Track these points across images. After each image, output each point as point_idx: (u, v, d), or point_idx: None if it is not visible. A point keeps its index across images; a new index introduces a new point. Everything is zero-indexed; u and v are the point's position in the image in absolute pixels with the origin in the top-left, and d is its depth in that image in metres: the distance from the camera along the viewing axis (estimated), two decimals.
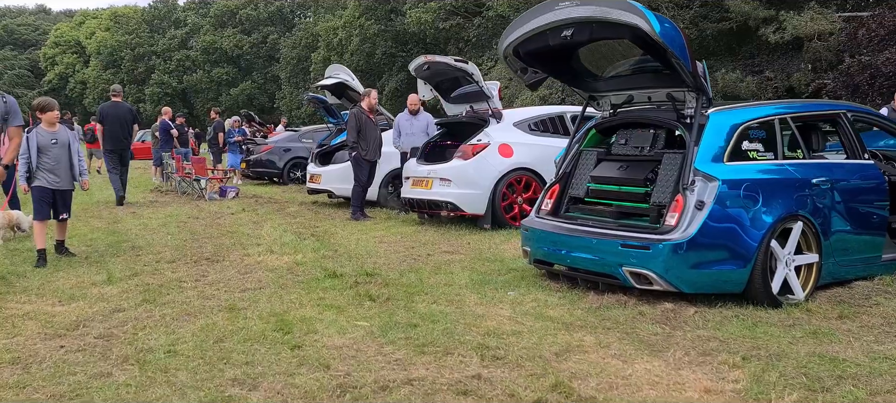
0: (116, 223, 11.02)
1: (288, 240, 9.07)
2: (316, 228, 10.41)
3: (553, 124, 10.27)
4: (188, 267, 7.54)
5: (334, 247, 8.59)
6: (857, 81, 19.20)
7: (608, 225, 6.01)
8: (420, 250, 8.40)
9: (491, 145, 9.68)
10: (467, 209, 9.63)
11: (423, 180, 10.17)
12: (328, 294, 6.13)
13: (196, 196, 15.12)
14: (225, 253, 8.42)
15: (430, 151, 10.92)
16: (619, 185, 6.36)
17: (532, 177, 9.81)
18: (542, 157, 9.83)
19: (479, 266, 7.40)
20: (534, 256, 6.54)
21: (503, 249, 8.36)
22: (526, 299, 5.90)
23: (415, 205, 10.47)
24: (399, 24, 48.85)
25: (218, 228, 10.45)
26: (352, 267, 7.36)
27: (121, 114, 13.57)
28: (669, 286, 5.53)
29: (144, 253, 8.41)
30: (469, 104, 10.72)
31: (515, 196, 9.75)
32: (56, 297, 6.25)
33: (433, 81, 10.86)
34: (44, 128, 7.84)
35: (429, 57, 10.10)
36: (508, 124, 10.02)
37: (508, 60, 6.63)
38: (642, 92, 6.47)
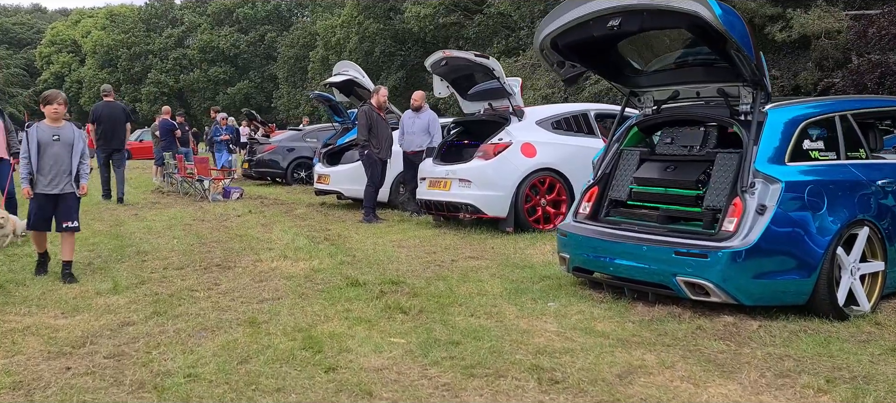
0: (119, 225, 10.54)
1: (301, 245, 8.61)
2: (328, 231, 9.95)
3: (577, 123, 9.82)
4: (198, 275, 7.08)
5: (351, 252, 8.13)
6: (867, 81, 18.82)
7: (657, 231, 5.56)
8: (443, 255, 7.94)
9: (513, 144, 9.23)
10: (488, 211, 9.17)
11: (440, 181, 9.72)
12: (354, 305, 5.67)
13: (199, 197, 14.65)
14: (235, 258, 7.95)
15: (447, 151, 10.47)
16: (666, 187, 5.92)
17: (556, 178, 9.36)
18: (567, 157, 9.40)
19: (509, 273, 6.94)
20: (573, 264, 6.08)
21: (530, 254, 7.91)
22: (569, 311, 5.45)
23: (432, 207, 10.01)
24: (398, 23, 48.45)
25: (225, 231, 9.98)
26: (374, 274, 6.90)
27: (114, 114, 13.61)
28: (728, 297, 5.08)
29: (150, 259, 7.94)
30: (487, 101, 10.26)
31: (538, 198, 9.29)
32: (59, 308, 5.79)
33: (450, 78, 10.39)
34: (46, 123, 6.97)
35: (447, 52, 9.64)
36: (531, 123, 9.57)
37: (544, 53, 6.17)
38: (689, 87, 6.02)
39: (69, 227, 7.01)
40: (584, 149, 9.54)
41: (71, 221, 7.03)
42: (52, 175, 6.90)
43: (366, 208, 10.92)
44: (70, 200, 7.05)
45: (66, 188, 7.00)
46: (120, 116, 13.69)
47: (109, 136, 13.56)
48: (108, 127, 13.49)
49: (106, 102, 13.82)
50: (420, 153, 11.05)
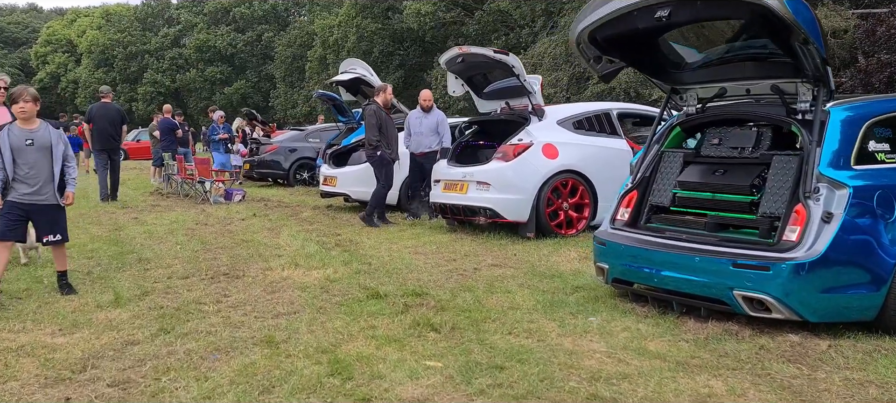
0: (118, 230, 10.07)
1: (312, 251, 8.15)
2: (339, 236, 9.48)
3: (599, 123, 9.36)
4: (205, 285, 6.61)
5: (366, 260, 7.66)
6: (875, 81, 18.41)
7: (710, 240, 5.10)
8: (463, 263, 7.48)
9: (534, 145, 8.77)
10: (508, 216, 8.72)
11: (457, 183, 9.26)
12: (378, 321, 5.21)
13: (200, 199, 14.17)
14: (244, 266, 7.49)
15: (462, 152, 10.01)
16: (715, 192, 5.46)
17: (579, 181, 8.91)
18: (590, 159, 8.97)
19: (538, 283, 6.49)
20: (612, 274, 5.63)
21: (556, 262, 7.46)
22: (614, 327, 4.99)
23: (447, 211, 9.55)
24: (397, 22, 48.01)
25: (230, 236, 9.51)
26: (394, 284, 6.44)
27: (110, 115, 13.62)
28: (791, 313, 4.64)
29: (153, 267, 7.48)
30: (504, 100, 9.80)
31: (561, 201, 8.84)
32: (56, 324, 5.33)
33: (465, 75, 9.93)
34: (18, 124, 6.11)
35: (464, 48, 9.17)
36: (552, 122, 9.11)
37: (581, 47, 5.73)
38: (739, 83, 5.58)
39: (51, 241, 6.29)
40: (607, 150, 9.12)
41: (53, 235, 6.25)
42: (28, 184, 6.08)
43: (374, 209, 10.48)
44: (51, 212, 6.24)
45: (49, 198, 6.19)
46: (115, 117, 13.69)
47: (105, 137, 13.54)
48: (103, 127, 13.47)
49: (102, 103, 13.79)
50: (429, 154, 10.65)
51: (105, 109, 13.64)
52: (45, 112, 50.00)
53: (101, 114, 13.56)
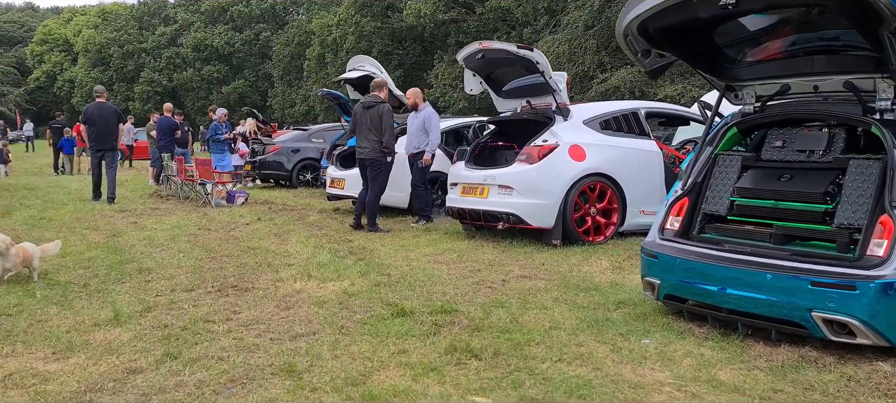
0: (116, 236, 9.51)
1: (325, 260, 7.61)
2: (350, 243, 8.95)
3: (627, 122, 8.83)
4: (212, 299, 6.07)
5: (384, 270, 7.12)
6: None
7: (781, 255, 4.56)
8: (489, 274, 6.95)
9: (560, 147, 8.24)
10: (533, 222, 8.18)
11: (476, 187, 8.73)
12: (409, 344, 4.67)
13: (201, 202, 13.61)
14: (252, 277, 6.95)
15: (480, 154, 9.48)
16: (779, 200, 4.93)
17: (607, 185, 8.38)
18: (618, 161, 8.45)
19: (575, 297, 5.96)
20: (664, 290, 5.09)
21: (589, 272, 6.94)
22: (673, 352, 4.46)
23: (465, 216, 9.01)
24: (396, 21, 47.48)
25: (235, 243, 8.96)
26: (418, 299, 5.91)
27: (106, 115, 13.54)
28: (879, 339, 4.11)
29: (155, 278, 6.93)
30: (525, 98, 9.26)
31: (588, 206, 8.31)
32: (49, 346, 4.78)
33: (484, 73, 9.39)
34: None
35: (484, 43, 8.64)
36: (578, 122, 8.58)
37: (628, 39, 5.20)
38: (805, 79, 5.04)
39: None
40: (636, 151, 8.61)
41: None
42: None
43: (372, 219, 10.03)
44: None
45: None
46: (111, 117, 13.61)
47: (102, 137, 13.46)
48: (100, 127, 13.40)
49: (98, 103, 13.64)
50: (418, 155, 10.35)
51: (102, 109, 13.52)
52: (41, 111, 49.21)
53: (98, 114, 13.44)
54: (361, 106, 10.09)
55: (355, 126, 10.10)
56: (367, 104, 10.05)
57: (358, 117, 10.01)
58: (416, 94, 10.74)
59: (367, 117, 9.90)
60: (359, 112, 10.02)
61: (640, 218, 8.60)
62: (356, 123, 10.06)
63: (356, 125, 10.06)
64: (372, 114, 9.94)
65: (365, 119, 9.90)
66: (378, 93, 10.18)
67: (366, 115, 9.91)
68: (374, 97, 10.20)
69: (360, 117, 9.95)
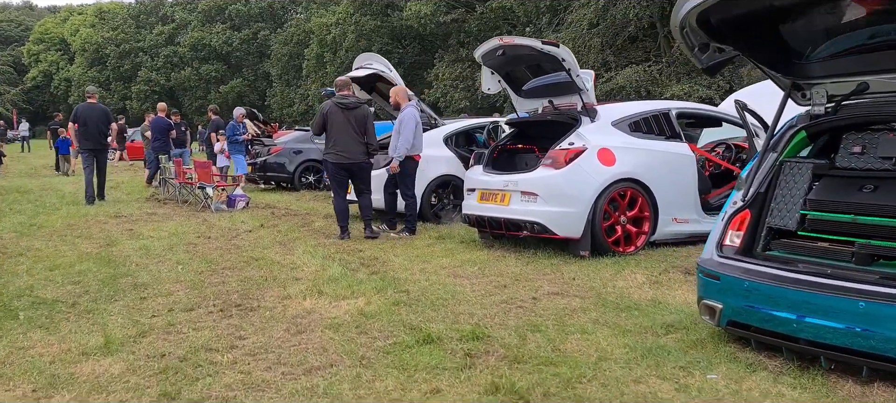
0: (111, 245, 8.90)
1: (335, 274, 7.00)
2: (361, 253, 8.35)
3: (657, 124, 8.24)
4: (214, 321, 5.47)
5: (402, 286, 6.52)
6: None
7: (871, 278, 3.95)
8: (517, 290, 6.35)
9: (588, 150, 7.64)
10: (560, 231, 7.58)
11: (496, 194, 8.13)
12: (441, 379, 4.08)
13: (201, 206, 13.00)
14: (258, 293, 6.35)
15: (499, 157, 8.88)
16: (860, 214, 4.33)
17: (638, 191, 7.79)
18: (649, 165, 7.87)
19: (617, 318, 5.37)
20: (728, 316, 4.49)
21: (625, 288, 6.35)
22: (750, 392, 3.87)
23: (484, 224, 8.40)
24: (396, 20, 46.91)
25: (238, 253, 8.36)
26: (444, 321, 5.31)
27: (96, 115, 13.54)
28: None
29: (151, 295, 6.33)
30: (547, 98, 8.67)
31: (618, 214, 7.72)
32: (29, 381, 4.19)
33: (503, 70, 8.79)
34: None
35: (505, 39, 8.03)
36: (605, 123, 7.99)
37: (685, 32, 4.61)
38: (889, 77, 4.44)
39: None
40: (668, 155, 8.03)
41: None
42: None
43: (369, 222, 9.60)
44: None
45: None
46: (101, 117, 13.63)
47: (92, 137, 13.48)
48: (90, 127, 13.41)
49: (88, 104, 13.70)
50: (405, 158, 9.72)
51: (92, 110, 13.53)
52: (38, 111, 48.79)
53: (89, 114, 13.44)
54: (340, 106, 9.22)
55: (327, 127, 9.24)
56: (348, 105, 9.27)
57: (335, 118, 9.17)
58: (398, 93, 10.18)
59: (350, 119, 9.21)
60: (336, 112, 9.18)
61: (672, 227, 8.02)
62: (332, 125, 9.21)
63: (332, 127, 9.21)
64: (357, 116, 9.28)
65: (346, 121, 9.19)
66: (347, 93, 9.58)
67: (349, 116, 9.21)
68: (355, 98, 9.64)
69: (339, 118, 9.17)
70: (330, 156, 9.29)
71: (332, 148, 9.24)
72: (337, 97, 9.41)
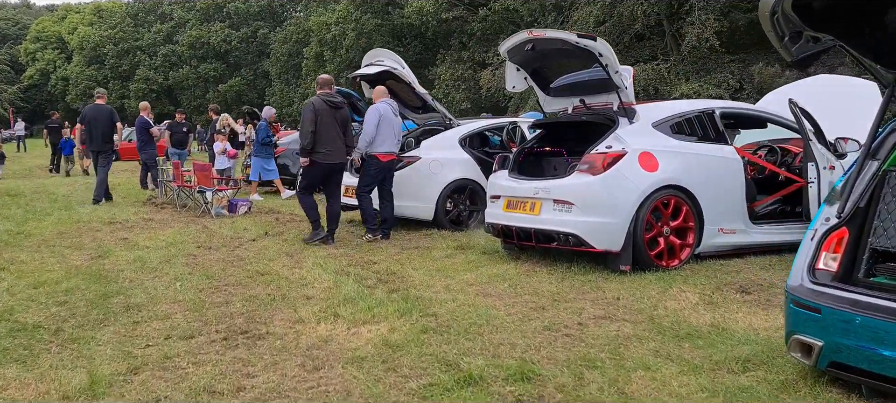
0: (102, 257, 8.18)
1: (351, 292, 6.29)
2: (375, 267, 7.64)
3: (701, 125, 7.54)
4: (217, 352, 4.76)
5: (427, 308, 5.80)
6: None
7: None
8: (558, 313, 5.63)
9: (628, 154, 6.93)
10: (597, 244, 6.86)
11: (525, 202, 7.41)
12: None
13: (200, 211, 12.28)
14: (266, 316, 5.65)
15: (525, 161, 8.17)
16: None
17: (682, 200, 7.08)
18: (694, 171, 7.17)
19: (679, 349, 4.68)
20: (828, 355, 3.78)
21: (678, 310, 5.64)
22: None
23: (511, 235, 7.69)
24: (397, 18, 46.24)
25: (241, 267, 7.64)
26: (483, 355, 4.60)
27: (100, 116, 13.56)
28: None
29: (145, 318, 5.62)
30: (577, 97, 7.96)
31: (661, 225, 7.01)
32: None
33: (530, 67, 8.08)
34: None
35: (535, 32, 7.31)
36: (646, 125, 7.28)
37: (776, 19, 3.90)
38: None
39: None
40: (713, 159, 7.34)
41: None
42: None
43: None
44: None
45: None
46: (105, 118, 13.55)
47: (95, 137, 13.52)
48: (94, 128, 13.45)
49: (95, 104, 13.79)
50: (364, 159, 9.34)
51: (97, 111, 13.58)
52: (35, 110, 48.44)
53: (93, 115, 13.50)
54: (329, 105, 8.88)
55: (317, 126, 8.78)
56: (334, 104, 8.93)
57: (323, 117, 8.80)
58: (376, 93, 9.74)
59: (337, 118, 8.93)
60: (325, 111, 8.82)
61: (718, 238, 7.32)
62: (322, 124, 8.80)
63: (322, 127, 8.81)
64: (342, 116, 9.03)
65: (332, 120, 8.88)
66: (329, 91, 9.09)
67: (336, 116, 8.92)
68: (339, 97, 9.19)
69: (328, 118, 8.83)
70: (318, 156, 8.85)
71: (321, 149, 8.83)
72: (324, 95, 8.98)
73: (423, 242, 9.14)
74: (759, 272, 6.92)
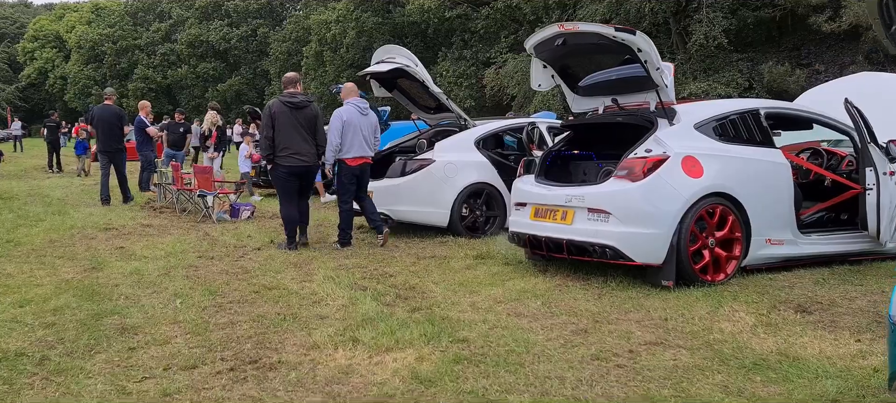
0: (96, 269, 7.58)
1: (369, 311, 5.70)
2: (392, 279, 7.05)
3: (746, 126, 6.94)
4: (224, 387, 4.18)
5: (456, 330, 5.21)
6: None
7: None
8: (602, 337, 5.04)
9: (671, 158, 6.33)
10: (637, 257, 6.27)
11: (556, 210, 6.82)
12: None
13: (201, 216, 11.68)
14: (276, 339, 5.06)
15: (552, 165, 7.58)
16: None
17: (729, 208, 6.48)
18: (740, 177, 6.58)
19: (751, 384, 4.11)
20: None
21: (736, 334, 5.06)
22: None
23: (538, 245, 7.09)
24: (398, 16, 45.69)
25: (247, 280, 7.05)
26: (527, 392, 4.04)
27: (107, 117, 13.45)
28: None
29: (142, 343, 5.03)
30: (609, 96, 7.37)
31: (705, 236, 6.41)
32: None
33: (559, 64, 7.49)
34: None
35: (566, 25, 6.70)
36: (687, 126, 6.68)
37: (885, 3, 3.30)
38: None
39: None
40: (761, 163, 6.75)
41: None
42: None
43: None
44: None
45: None
46: (114, 119, 13.48)
47: (103, 138, 13.52)
48: (102, 129, 13.46)
49: (104, 105, 13.78)
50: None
51: (105, 111, 13.55)
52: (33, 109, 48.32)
53: (101, 115, 13.50)
54: (288, 105, 8.53)
55: (275, 129, 8.47)
56: (296, 104, 8.56)
57: (284, 118, 8.47)
58: (346, 90, 9.32)
59: (300, 118, 8.55)
60: (284, 112, 8.49)
61: (765, 250, 6.74)
62: (280, 126, 8.47)
63: (279, 128, 8.47)
64: (306, 116, 8.61)
65: (295, 120, 8.52)
66: (295, 90, 8.69)
67: (297, 116, 8.54)
68: (303, 96, 8.74)
69: (289, 118, 8.48)
70: (281, 160, 8.51)
71: (282, 152, 8.49)
72: (284, 95, 8.67)
73: (440, 251, 8.56)
74: (814, 287, 6.34)
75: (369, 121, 9.00)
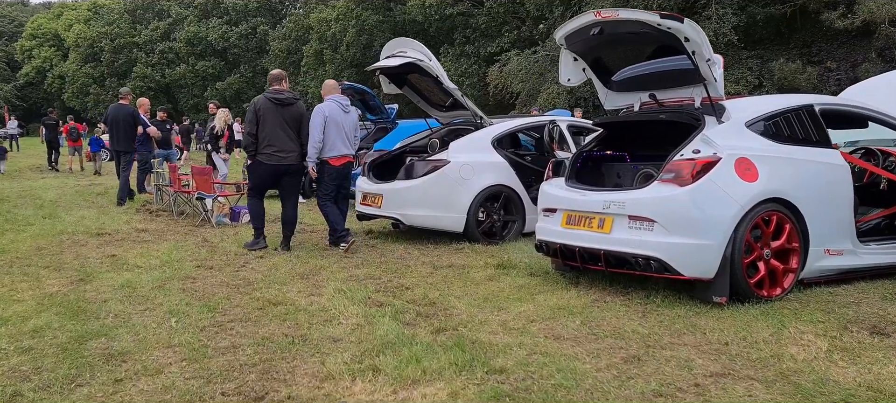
0: (84, 281, 6.92)
1: (388, 333, 5.05)
2: (409, 292, 6.41)
3: (801, 124, 6.28)
4: None
5: (489, 357, 4.55)
6: None
7: None
8: (658, 367, 4.39)
9: (722, 160, 5.67)
10: (686, 270, 5.60)
11: (592, 217, 6.16)
12: None
13: (200, 220, 11.03)
14: (284, 366, 4.42)
15: (583, 166, 6.92)
16: None
17: (786, 216, 5.82)
18: (798, 181, 5.92)
19: None
20: None
21: (811, 362, 4.43)
22: None
23: (570, 256, 6.42)
24: (399, 14, 45.06)
25: (249, 293, 6.39)
26: None
27: (120, 117, 13.44)
28: None
29: (130, 374, 4.38)
30: (646, 91, 6.72)
31: (761, 247, 5.75)
32: None
33: (592, 57, 6.83)
34: None
35: (604, 13, 6.02)
36: (738, 124, 6.02)
37: None
38: None
39: None
40: (818, 166, 6.11)
41: None
42: None
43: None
44: None
45: None
46: (126, 119, 13.43)
47: (116, 138, 13.55)
48: (114, 129, 13.47)
49: (118, 105, 13.74)
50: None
51: (118, 111, 13.52)
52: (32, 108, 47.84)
53: (114, 115, 13.49)
54: (274, 102, 8.37)
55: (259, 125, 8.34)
56: (282, 101, 8.40)
57: (270, 115, 8.33)
58: (325, 87, 8.87)
59: (286, 116, 8.39)
60: (269, 109, 8.34)
61: (824, 261, 6.09)
62: (265, 123, 8.33)
63: (264, 125, 8.33)
64: (291, 114, 8.44)
65: (280, 117, 8.36)
66: (279, 88, 8.41)
67: (282, 113, 8.37)
68: (289, 93, 8.45)
69: (273, 116, 8.33)
70: (263, 157, 8.38)
71: (264, 148, 8.35)
72: (270, 92, 8.51)
73: (457, 259, 7.91)
74: (882, 304, 5.69)
75: (351, 119, 8.68)
